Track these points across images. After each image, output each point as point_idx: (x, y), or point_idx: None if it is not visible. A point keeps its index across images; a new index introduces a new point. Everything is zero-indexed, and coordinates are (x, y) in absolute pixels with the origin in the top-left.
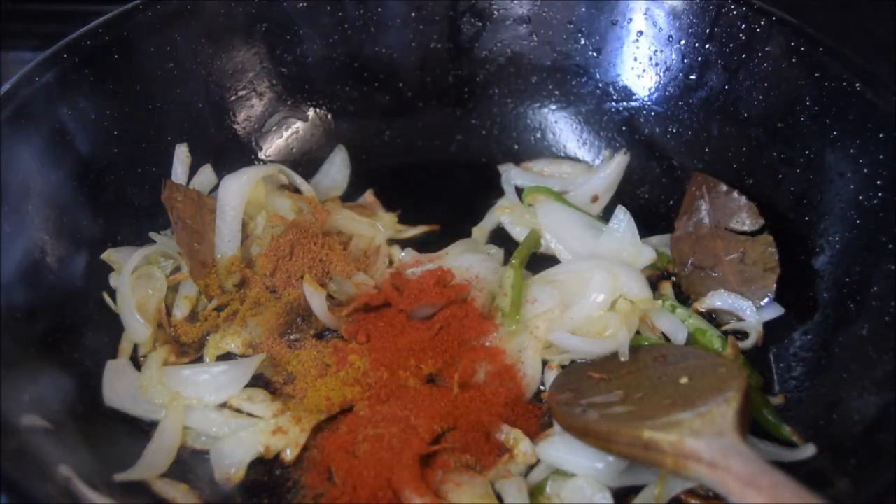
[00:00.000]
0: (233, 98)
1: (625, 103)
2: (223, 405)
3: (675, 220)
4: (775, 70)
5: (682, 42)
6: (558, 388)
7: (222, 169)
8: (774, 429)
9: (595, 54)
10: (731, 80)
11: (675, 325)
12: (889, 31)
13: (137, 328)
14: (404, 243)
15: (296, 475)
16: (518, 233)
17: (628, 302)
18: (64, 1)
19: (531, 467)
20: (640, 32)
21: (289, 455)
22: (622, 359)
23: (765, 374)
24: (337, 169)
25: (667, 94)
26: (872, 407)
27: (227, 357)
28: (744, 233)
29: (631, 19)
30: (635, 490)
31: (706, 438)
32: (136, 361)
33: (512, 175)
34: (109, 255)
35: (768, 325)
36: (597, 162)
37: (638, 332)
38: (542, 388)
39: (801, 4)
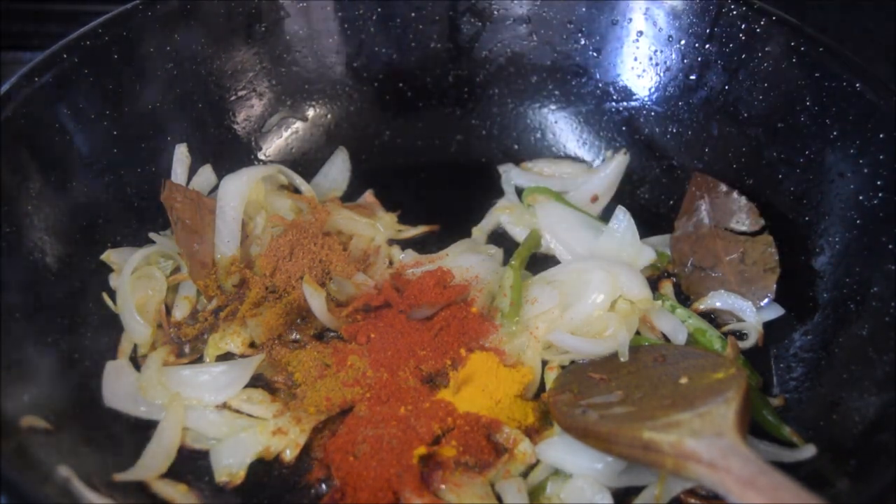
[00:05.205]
0: (233, 98)
1: (625, 103)
2: (223, 406)
3: (675, 220)
4: (775, 70)
5: (682, 42)
6: (558, 388)
7: (222, 169)
8: (774, 429)
9: (595, 54)
10: (731, 80)
11: (675, 325)
12: (889, 31)
13: (137, 328)
14: (404, 243)
15: (296, 476)
16: (518, 233)
17: (628, 302)
18: (64, 1)
19: (531, 467)
20: (640, 32)
21: (289, 456)
22: (622, 359)
23: (765, 375)
24: (337, 170)
25: (667, 94)
26: (872, 407)
27: (227, 357)
28: (744, 233)
29: (631, 19)
30: (635, 490)
31: (706, 439)
32: (136, 361)
33: (512, 175)
34: (109, 256)
35: (768, 326)
36: (597, 162)
37: (638, 332)
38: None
39: (801, 4)
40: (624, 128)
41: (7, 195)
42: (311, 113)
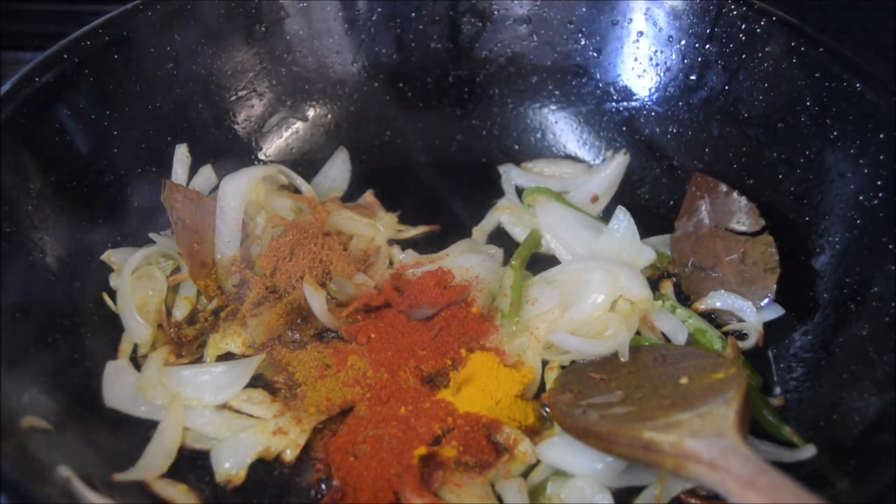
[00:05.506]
0: (233, 98)
1: (625, 103)
2: (223, 406)
3: (675, 220)
4: (775, 70)
5: (683, 42)
6: (558, 388)
7: (222, 169)
8: (774, 429)
9: (595, 54)
10: (731, 80)
11: (675, 325)
12: (889, 31)
13: (137, 329)
14: (404, 243)
15: (296, 476)
16: (518, 233)
17: (628, 302)
18: (64, 1)
19: (531, 467)
20: (641, 32)
21: (289, 456)
22: (622, 359)
23: (765, 375)
24: (337, 170)
25: (667, 94)
26: (872, 407)
27: (227, 357)
28: (744, 233)
29: (631, 19)
30: (635, 490)
31: (706, 439)
32: (136, 361)
33: (512, 175)
34: (109, 256)
35: (768, 326)
36: (597, 162)
37: (638, 332)
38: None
39: (801, 4)
40: (624, 128)
41: (7, 195)
42: (311, 113)
